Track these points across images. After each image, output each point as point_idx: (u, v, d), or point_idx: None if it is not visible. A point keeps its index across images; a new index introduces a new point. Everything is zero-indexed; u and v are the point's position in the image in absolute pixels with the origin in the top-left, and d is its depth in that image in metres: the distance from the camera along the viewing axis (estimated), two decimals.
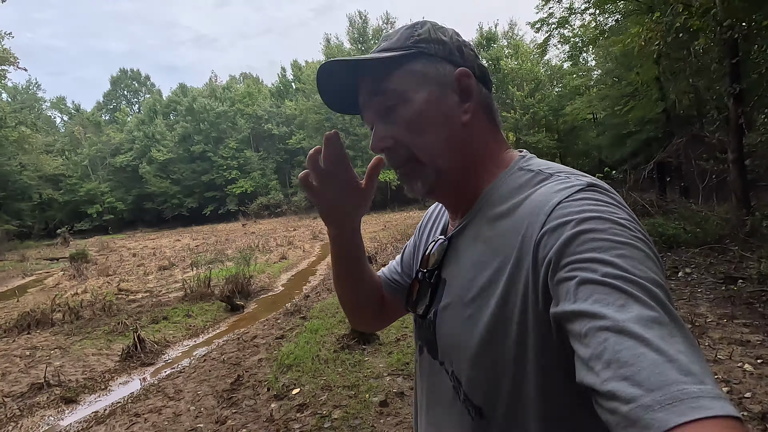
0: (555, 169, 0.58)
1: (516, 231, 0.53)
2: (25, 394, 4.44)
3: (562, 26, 15.93)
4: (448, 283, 0.63)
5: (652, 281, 0.41)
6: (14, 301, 9.70)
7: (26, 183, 33.04)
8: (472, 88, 0.62)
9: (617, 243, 0.44)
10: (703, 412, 0.32)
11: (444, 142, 0.61)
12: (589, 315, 0.40)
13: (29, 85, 48.96)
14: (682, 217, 7.63)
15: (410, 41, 0.62)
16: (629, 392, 0.35)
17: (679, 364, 0.35)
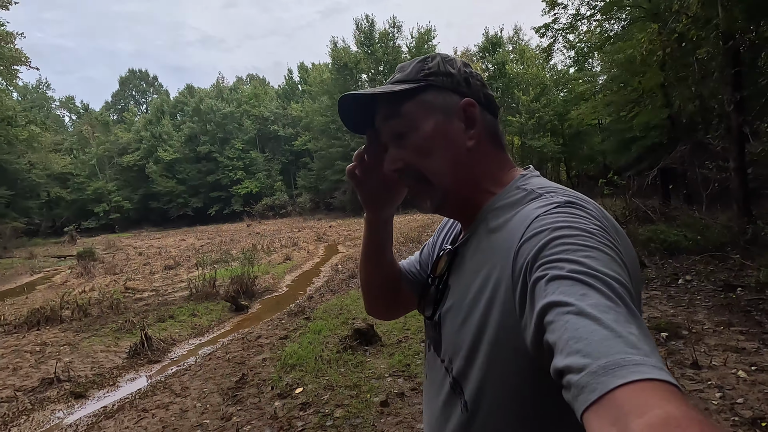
0: (547, 189, 0.64)
1: (504, 243, 0.60)
2: (36, 389, 4.57)
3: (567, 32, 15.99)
4: (452, 289, 0.71)
5: (613, 279, 0.46)
6: (23, 297, 9.88)
7: (35, 181, 33.45)
8: (476, 117, 0.69)
9: (585, 246, 0.49)
10: (642, 376, 0.36)
11: (450, 164, 0.69)
12: (555, 304, 0.45)
13: (39, 84, 49.63)
14: (685, 225, 7.66)
15: (421, 74, 0.70)
16: (580, 362, 0.39)
17: (627, 340, 0.39)
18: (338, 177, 32.72)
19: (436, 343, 0.73)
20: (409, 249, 11.88)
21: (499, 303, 0.58)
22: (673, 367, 3.24)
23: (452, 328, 0.67)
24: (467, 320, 0.63)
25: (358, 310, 5.98)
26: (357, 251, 13.37)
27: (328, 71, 35.91)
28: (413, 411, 3.10)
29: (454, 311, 0.67)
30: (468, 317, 0.63)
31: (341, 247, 15.34)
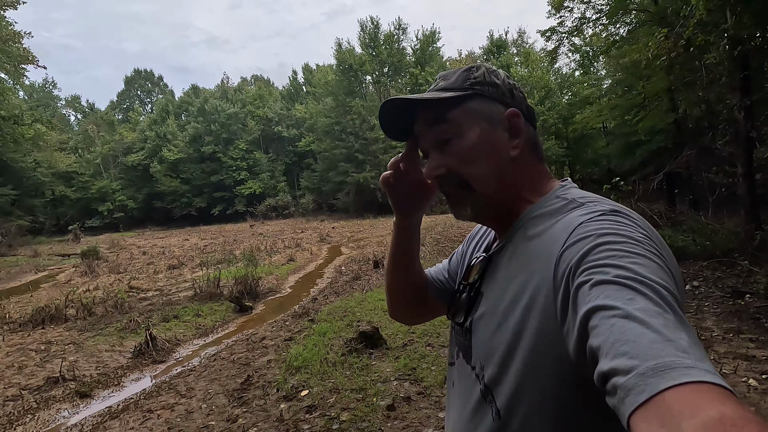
0: (589, 198, 0.64)
1: (543, 249, 0.60)
2: (42, 388, 4.58)
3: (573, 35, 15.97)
4: (485, 296, 0.70)
5: (662, 285, 0.45)
6: (28, 296, 9.91)
7: (40, 180, 33.58)
8: (521, 127, 0.70)
9: (631, 253, 0.49)
10: (694, 378, 0.35)
11: (493, 172, 0.69)
12: (600, 308, 0.44)
13: (45, 83, 49.96)
14: (691, 230, 7.62)
15: (467, 83, 0.71)
16: (627, 364, 0.38)
17: (677, 344, 0.38)
18: (341, 178, 32.76)
19: (465, 350, 0.72)
20: None
21: (538, 309, 0.57)
22: None
23: (485, 335, 0.66)
24: (502, 326, 0.62)
25: (363, 313, 5.97)
26: (360, 252, 13.37)
27: (332, 73, 35.99)
28: (420, 416, 3.08)
29: (487, 318, 0.67)
30: (503, 323, 0.62)
31: (344, 249, 15.33)
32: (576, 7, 15.00)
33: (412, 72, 32.14)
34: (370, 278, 8.75)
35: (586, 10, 15.05)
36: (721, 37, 5.66)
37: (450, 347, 0.82)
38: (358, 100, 31.70)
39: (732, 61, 6.51)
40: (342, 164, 32.35)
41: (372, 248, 13.97)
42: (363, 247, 14.86)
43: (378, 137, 30.72)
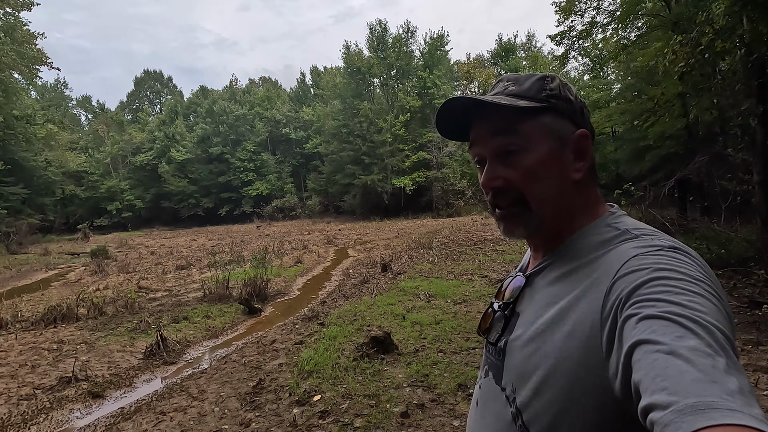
0: (644, 231, 0.61)
1: (590, 278, 0.58)
2: (55, 387, 4.60)
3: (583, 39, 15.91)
4: (522, 317, 0.68)
5: (717, 327, 0.43)
6: (39, 294, 10.00)
7: (50, 179, 33.96)
8: (588, 150, 0.68)
9: (688, 291, 0.47)
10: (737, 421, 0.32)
11: (554, 193, 0.67)
12: (645, 342, 0.43)
13: (57, 83, 50.60)
14: (704, 237, 7.53)
15: (543, 94, 0.67)
16: (666, 400, 0.37)
17: (724, 387, 0.36)
18: (348, 180, 32.82)
19: (496, 369, 0.70)
20: (420, 255, 11.84)
21: (582, 339, 0.55)
22: None
23: (520, 358, 0.64)
24: (539, 351, 0.60)
25: (373, 317, 5.96)
26: (367, 255, 13.36)
27: (340, 75, 36.12)
28: (434, 423, 3.06)
29: (523, 340, 0.64)
30: (541, 348, 0.60)
31: (351, 251, 15.33)
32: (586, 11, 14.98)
33: (420, 75, 32.17)
34: (378, 282, 8.73)
35: (597, 14, 15.02)
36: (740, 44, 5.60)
37: (482, 365, 0.79)
38: (365, 103, 31.78)
39: (748, 68, 6.44)
40: (349, 166, 32.42)
41: (379, 251, 13.96)
42: (370, 250, 14.85)
43: (385, 140, 30.76)
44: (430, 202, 30.62)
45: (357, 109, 31.81)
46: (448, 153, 28.63)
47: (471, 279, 8.10)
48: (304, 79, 51.21)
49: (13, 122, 23.38)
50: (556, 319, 0.60)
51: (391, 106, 32.67)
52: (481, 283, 7.64)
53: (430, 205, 30.55)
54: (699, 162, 10.42)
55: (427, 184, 30.33)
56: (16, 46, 19.06)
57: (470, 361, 4.13)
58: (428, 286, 7.60)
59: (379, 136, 31.00)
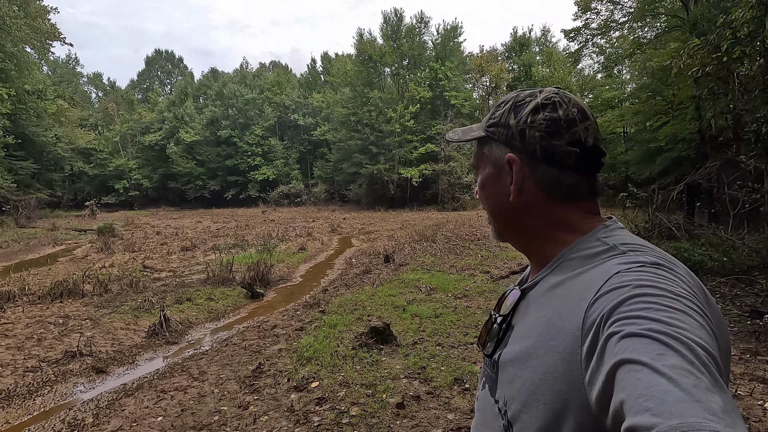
0: (632, 246, 0.61)
1: (576, 294, 0.58)
2: (60, 361, 4.71)
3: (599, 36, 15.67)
4: (515, 330, 0.69)
5: (699, 344, 0.42)
6: (46, 269, 10.16)
7: (60, 155, 34.19)
8: (515, 173, 0.69)
9: (670, 308, 0.47)
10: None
11: (497, 212, 0.75)
12: (627, 361, 0.42)
13: (69, 59, 50.66)
14: (710, 244, 7.48)
15: (487, 123, 0.75)
16: (649, 422, 0.36)
17: (707, 407, 0.36)
18: (355, 169, 32.78)
19: (492, 382, 0.71)
20: (423, 247, 11.87)
21: (564, 354, 0.55)
22: None
23: (511, 372, 0.65)
24: (527, 366, 0.61)
25: (373, 307, 6.01)
26: (371, 245, 13.41)
27: (351, 63, 35.84)
28: (429, 416, 3.11)
29: (514, 354, 0.66)
30: (528, 363, 0.61)
31: (355, 241, 15.39)
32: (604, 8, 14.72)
33: (432, 66, 31.86)
34: (380, 273, 8.78)
35: (615, 11, 14.76)
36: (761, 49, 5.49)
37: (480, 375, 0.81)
38: (376, 92, 31.56)
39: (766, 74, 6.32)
40: (356, 155, 32.35)
41: (383, 242, 14.00)
42: (374, 240, 14.90)
43: (393, 130, 30.61)
44: (435, 195, 30.54)
45: (367, 98, 31.60)
46: (457, 146, 28.45)
47: (473, 274, 8.12)
48: (314, 66, 50.90)
49: (25, 97, 23.48)
50: (542, 334, 0.60)
51: (402, 96, 32.43)
52: (483, 279, 7.66)
53: (435, 197, 30.48)
54: (710, 167, 10.30)
55: (434, 177, 30.23)
56: (30, 20, 19.06)
57: (468, 355, 4.17)
58: (430, 279, 7.63)
59: (387, 126, 30.84)
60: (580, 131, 0.67)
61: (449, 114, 30.37)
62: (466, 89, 33.64)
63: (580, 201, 0.69)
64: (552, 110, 0.68)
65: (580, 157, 0.67)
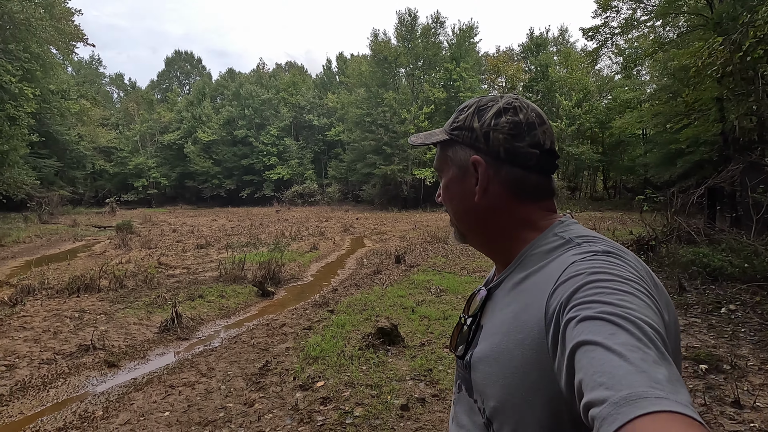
0: (586, 238, 0.66)
1: (538, 287, 0.62)
2: (74, 354, 4.81)
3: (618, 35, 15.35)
4: (484, 330, 0.71)
5: (646, 323, 0.46)
6: (65, 263, 10.43)
7: (82, 153, 35.14)
8: (480, 174, 0.72)
9: (619, 291, 0.51)
10: (664, 407, 0.36)
11: (461, 213, 0.77)
12: (583, 343, 0.46)
13: (92, 60, 52.00)
14: (731, 249, 7.23)
15: (451, 127, 0.77)
16: (602, 395, 0.40)
17: (652, 377, 0.40)
18: (369, 170, 32.81)
19: (467, 383, 0.73)
20: (435, 248, 11.80)
21: (533, 345, 0.58)
22: (712, 403, 3.07)
23: (484, 370, 0.67)
24: (500, 362, 0.63)
25: (382, 308, 5.99)
26: (382, 246, 13.40)
27: (366, 63, 35.90)
28: (433, 419, 3.07)
29: (485, 353, 0.68)
30: (500, 359, 0.63)
31: (367, 241, 15.39)
32: (625, 6, 14.40)
33: (447, 67, 31.69)
34: (390, 273, 8.76)
35: (636, 10, 14.43)
36: None
37: (455, 380, 0.83)
38: (390, 93, 31.56)
39: None
40: (370, 156, 32.37)
41: (394, 242, 13.98)
42: (386, 241, 14.88)
43: (408, 131, 30.55)
44: None
45: (381, 99, 31.60)
46: None
47: (484, 276, 8.00)
48: (330, 66, 51.17)
49: (49, 96, 24.17)
50: (510, 329, 0.63)
51: (416, 97, 32.35)
52: None
53: None
54: (733, 170, 9.97)
55: None
56: (54, 22, 19.62)
57: None
58: (440, 281, 7.58)
59: (402, 127, 30.79)
60: (539, 134, 0.71)
61: None
62: (481, 90, 33.36)
63: (540, 200, 0.74)
64: (513, 114, 0.72)
65: (539, 159, 0.71)
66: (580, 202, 28.21)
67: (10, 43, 17.70)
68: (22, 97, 18.78)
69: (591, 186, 34.89)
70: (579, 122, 28.89)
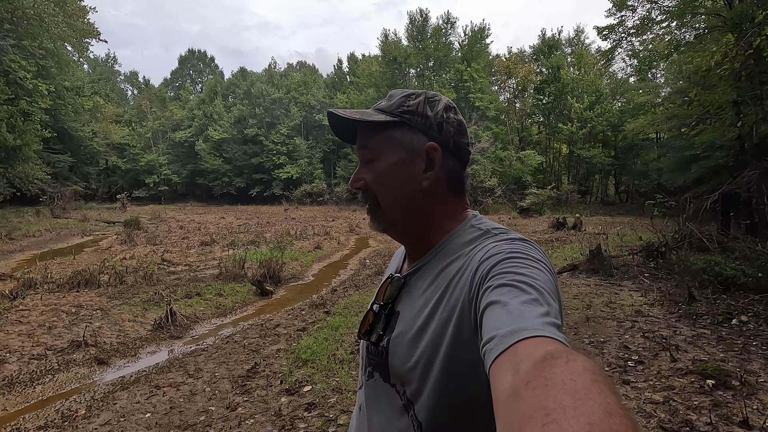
0: (500, 229, 0.73)
1: (463, 269, 0.66)
2: (65, 350, 4.78)
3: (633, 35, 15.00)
4: (401, 315, 0.73)
5: (545, 289, 0.55)
6: (71, 258, 10.50)
7: (96, 149, 35.63)
8: (437, 161, 0.75)
9: (531, 266, 0.59)
10: (537, 334, 0.45)
11: (401, 198, 0.75)
12: (491, 303, 0.53)
13: (108, 58, 52.82)
14: (744, 258, 6.96)
15: (399, 110, 0.76)
16: (493, 333, 0.48)
17: (537, 319, 0.47)
18: None
19: (382, 369, 0.74)
20: None
21: (455, 320, 0.62)
22: (718, 422, 2.88)
23: (403, 352, 0.68)
24: (420, 342, 0.66)
25: None
26: (387, 247, 13.26)
27: (377, 64, 35.83)
28: None
29: (404, 335, 0.69)
30: (421, 339, 0.66)
31: (372, 241, 15.27)
32: (640, 6, 14.07)
33: (458, 68, 31.45)
34: None
35: (652, 10, 14.08)
36: None
37: (361, 368, 0.82)
38: None
39: None
40: None
41: (385, 244, 13.83)
42: (390, 242, 14.73)
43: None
44: None
45: None
46: (480, 150, 27.92)
47: None
48: (341, 66, 51.20)
49: (64, 93, 24.52)
50: (432, 310, 0.67)
51: None
52: None
53: None
54: (749, 176, 9.64)
55: None
56: (67, 18, 19.88)
57: None
58: None
59: None
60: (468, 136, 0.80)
61: (474, 116, 29.86)
62: (491, 91, 33.03)
63: (462, 194, 0.80)
64: (455, 113, 0.78)
65: (469, 157, 0.80)
66: (591, 206, 27.70)
67: (24, 39, 17.96)
68: (37, 93, 19.05)
69: (602, 190, 34.32)
70: (590, 125, 28.42)
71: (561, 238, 14.02)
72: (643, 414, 3.02)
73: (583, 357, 0.38)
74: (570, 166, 32.87)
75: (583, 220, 17.26)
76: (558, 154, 33.66)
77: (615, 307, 5.83)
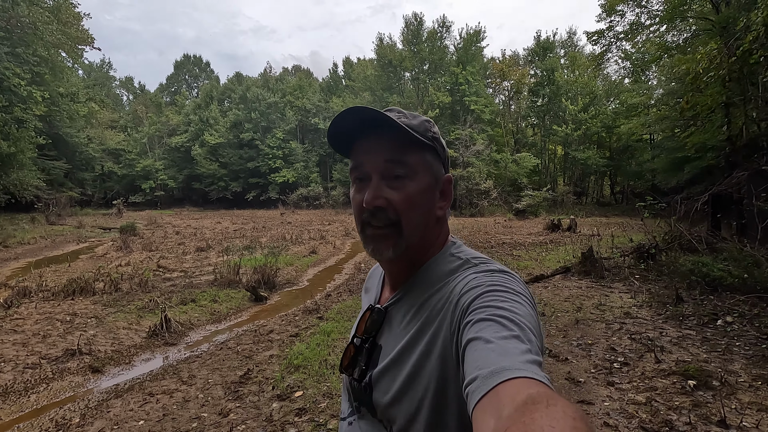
0: (481, 260, 0.72)
1: (441, 301, 0.67)
2: (60, 359, 4.81)
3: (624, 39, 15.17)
4: (384, 349, 0.72)
5: (526, 325, 0.55)
6: (66, 265, 10.51)
7: (91, 155, 35.63)
8: (450, 193, 0.78)
9: (511, 300, 0.59)
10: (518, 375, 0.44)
11: (423, 223, 0.74)
12: (473, 339, 0.53)
13: (103, 63, 52.78)
14: (732, 258, 7.06)
15: (429, 134, 0.74)
16: (476, 374, 0.47)
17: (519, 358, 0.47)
18: None
19: (368, 405, 0.72)
20: None
21: (437, 354, 0.62)
22: (697, 422, 2.96)
23: (390, 389, 0.67)
24: (405, 377, 0.65)
25: None
26: None
27: (372, 67, 35.98)
28: None
29: (389, 371, 0.68)
30: (404, 374, 0.65)
31: None
32: (629, 11, 14.25)
33: (453, 71, 31.64)
34: None
35: (641, 15, 14.26)
36: None
37: (344, 401, 0.81)
38: (395, 97, 31.59)
39: None
40: None
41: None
42: None
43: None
44: (453, 201, 29.57)
45: (386, 102, 31.62)
46: (475, 152, 28.08)
47: None
48: (336, 70, 51.36)
49: (59, 99, 24.52)
50: (412, 344, 0.66)
51: (421, 101, 32.29)
52: None
53: (453, 203, 30.01)
54: (738, 177, 9.77)
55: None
56: (61, 26, 19.91)
57: None
58: None
59: None
60: None
61: (469, 119, 30.03)
62: (487, 94, 33.22)
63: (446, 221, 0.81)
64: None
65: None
66: (586, 207, 27.89)
67: (19, 46, 17.98)
68: (31, 100, 19.05)
69: (598, 191, 34.53)
70: (585, 126, 28.63)
71: (555, 240, 14.13)
72: (624, 415, 3.09)
73: (563, 401, 0.39)
74: (565, 167, 33.08)
75: (578, 222, 17.39)
76: (553, 155, 33.88)
77: (605, 309, 5.92)
